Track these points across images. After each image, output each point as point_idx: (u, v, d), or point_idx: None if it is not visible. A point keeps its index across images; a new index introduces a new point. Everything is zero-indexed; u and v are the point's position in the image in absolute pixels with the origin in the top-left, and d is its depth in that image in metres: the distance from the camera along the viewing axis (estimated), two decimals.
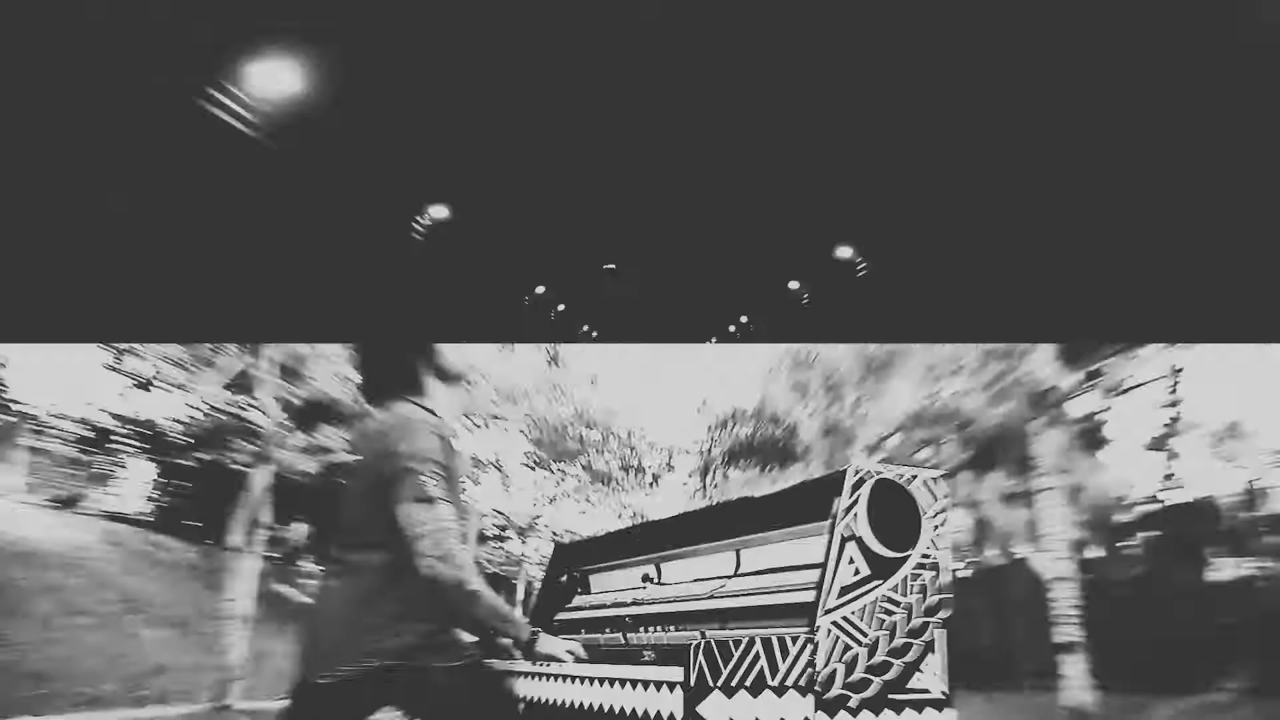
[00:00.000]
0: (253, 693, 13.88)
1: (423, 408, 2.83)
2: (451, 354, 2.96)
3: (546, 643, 2.85)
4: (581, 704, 2.96)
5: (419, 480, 2.58)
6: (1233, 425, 26.19)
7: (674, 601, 4.16)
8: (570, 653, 2.89)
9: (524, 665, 3.22)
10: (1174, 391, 19.44)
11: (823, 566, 3.32)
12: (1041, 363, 9.96)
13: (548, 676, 3.15)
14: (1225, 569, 13.29)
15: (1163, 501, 18.33)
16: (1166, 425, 19.57)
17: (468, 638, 2.87)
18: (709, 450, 22.97)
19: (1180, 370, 19.43)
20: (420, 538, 2.52)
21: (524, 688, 3.19)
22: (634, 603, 4.37)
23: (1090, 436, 22.42)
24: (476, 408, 23.48)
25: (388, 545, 2.62)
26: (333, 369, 21.65)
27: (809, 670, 3.06)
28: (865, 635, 3.31)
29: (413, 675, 2.59)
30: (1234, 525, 12.99)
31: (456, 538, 2.58)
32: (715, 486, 24.10)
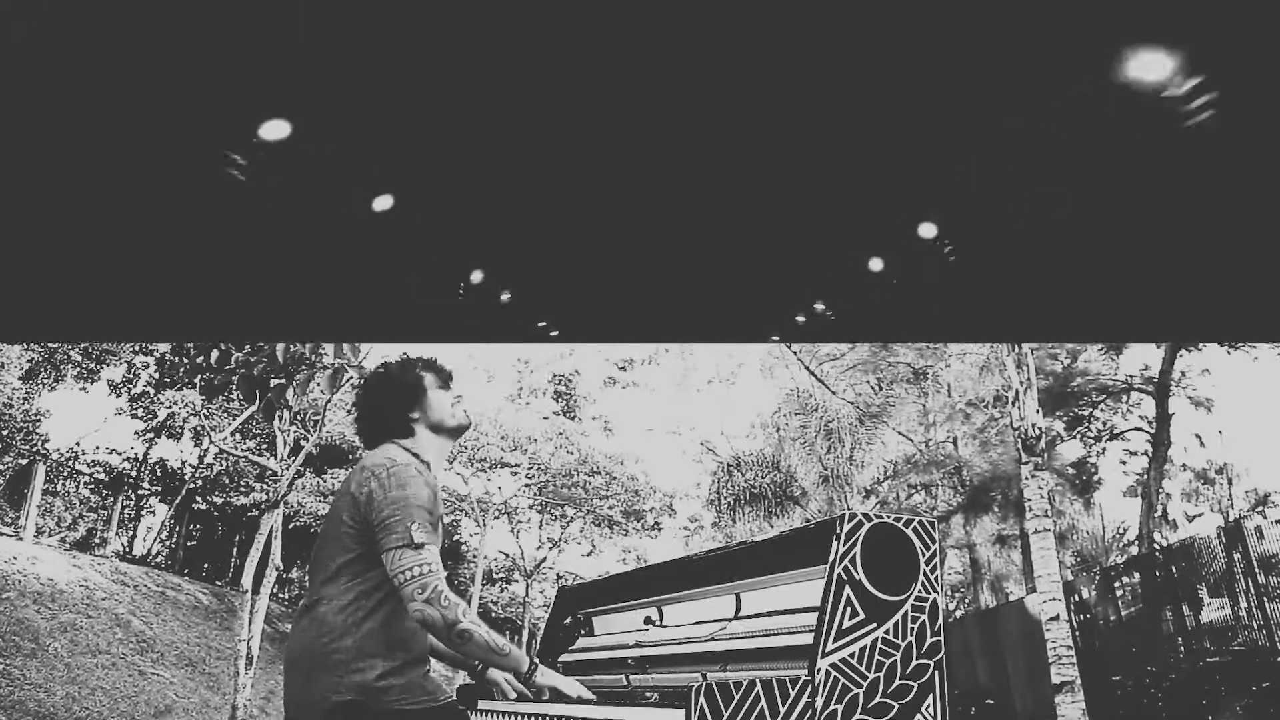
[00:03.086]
0: None
1: (411, 453, 2.88)
2: (446, 406, 3.03)
3: (546, 675, 2.87)
4: None
5: (408, 526, 2.62)
6: (1222, 467, 26.21)
7: (676, 644, 4.21)
8: (577, 691, 2.90)
9: (523, 707, 3.26)
10: (1164, 436, 19.47)
11: (821, 610, 3.38)
12: (1030, 409, 10.00)
13: (551, 718, 3.21)
14: (1214, 608, 13.32)
15: (1154, 542, 18.31)
16: (1156, 468, 19.59)
17: (437, 679, 2.84)
18: (716, 494, 23.00)
19: (1172, 415, 19.48)
20: (408, 583, 2.56)
21: None
22: (636, 645, 4.42)
23: (1082, 480, 22.44)
24: (486, 455, 23.70)
25: (351, 580, 2.67)
26: (346, 415, 21.88)
27: (809, 712, 3.12)
28: (864, 678, 3.37)
29: (369, 714, 2.58)
30: (1222, 565, 13.02)
31: (443, 580, 2.62)
32: (718, 529, 24.13)
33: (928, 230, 7.93)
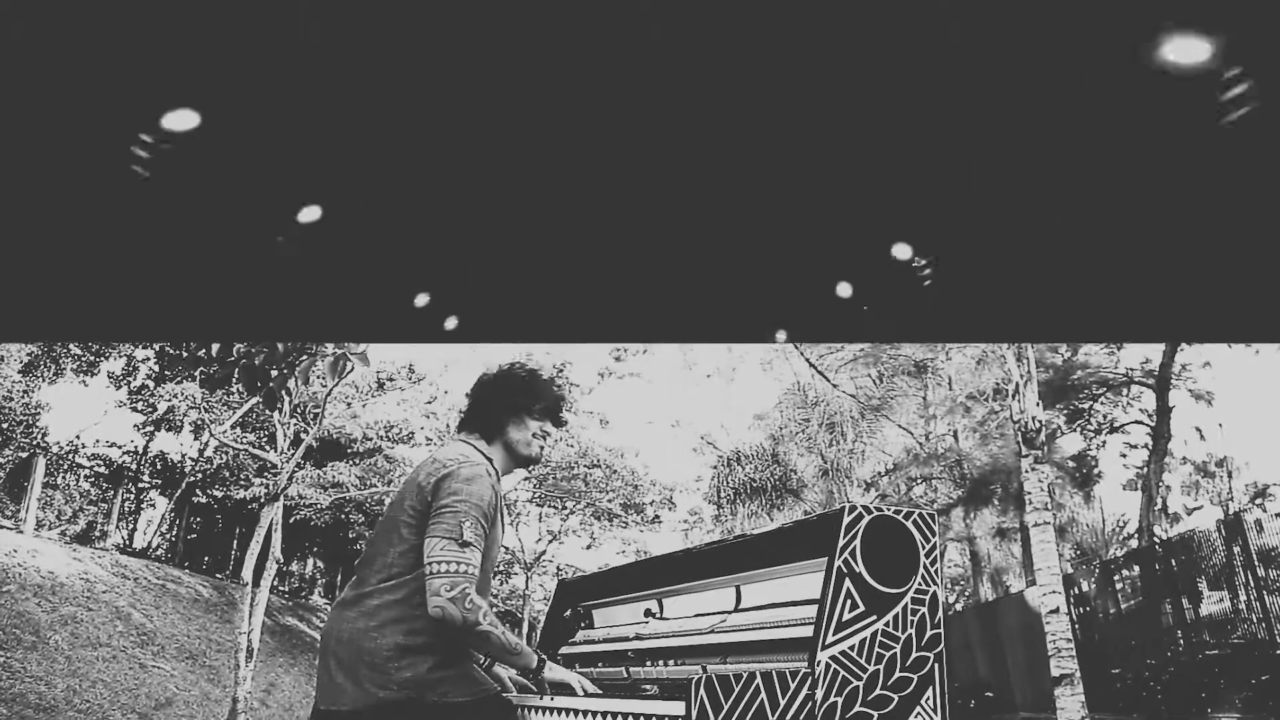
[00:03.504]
0: None
1: (485, 455, 2.88)
2: (527, 435, 2.99)
3: (554, 671, 2.89)
4: None
5: (460, 521, 2.58)
6: (1221, 460, 26.27)
7: (676, 636, 4.21)
8: (580, 683, 2.93)
9: (528, 699, 3.28)
10: (1164, 429, 19.50)
11: (821, 602, 3.38)
12: (1030, 402, 10.02)
13: (552, 710, 3.21)
14: (1213, 601, 13.41)
15: (1154, 535, 18.38)
16: (1156, 461, 19.65)
17: (480, 673, 2.87)
18: (716, 487, 23.04)
19: (1172, 409, 19.53)
20: (439, 575, 2.51)
21: None
22: (636, 637, 4.42)
23: (1082, 473, 22.50)
24: None
25: (407, 574, 2.65)
26: (345, 408, 21.89)
27: (809, 704, 3.12)
28: (864, 670, 3.37)
29: (420, 708, 2.56)
30: (1222, 558, 13.08)
31: (473, 585, 2.57)
32: (718, 522, 24.16)
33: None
